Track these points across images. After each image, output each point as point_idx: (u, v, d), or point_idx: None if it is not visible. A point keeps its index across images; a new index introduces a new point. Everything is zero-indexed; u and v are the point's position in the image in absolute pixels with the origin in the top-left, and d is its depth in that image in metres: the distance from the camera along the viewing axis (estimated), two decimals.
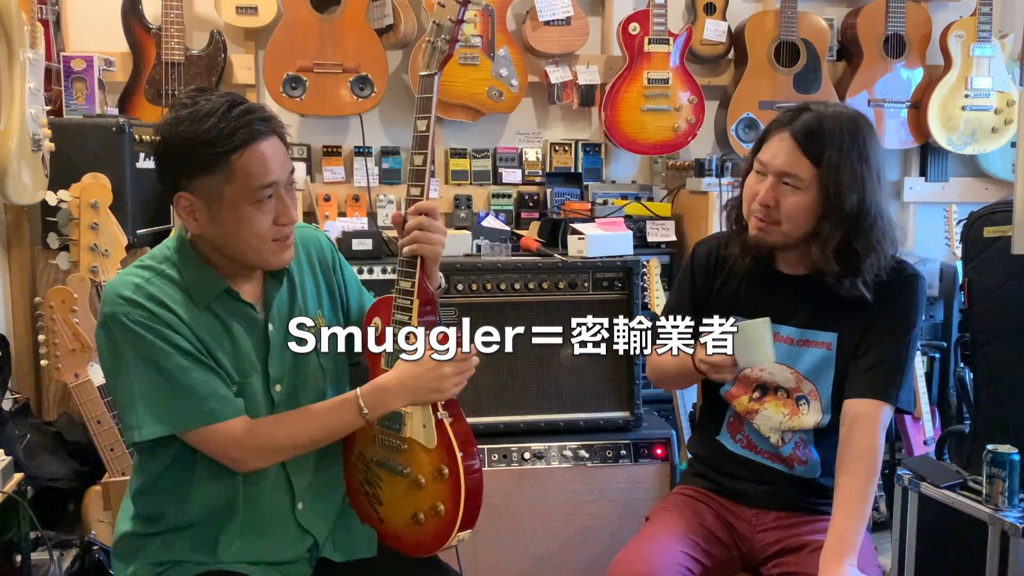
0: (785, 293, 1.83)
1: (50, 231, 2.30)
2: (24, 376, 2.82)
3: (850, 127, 1.71)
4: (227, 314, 1.56)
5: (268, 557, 1.60)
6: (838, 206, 1.70)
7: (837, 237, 1.71)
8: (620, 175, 3.53)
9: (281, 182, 1.52)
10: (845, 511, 1.68)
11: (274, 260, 1.56)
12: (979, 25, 3.46)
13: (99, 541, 2.27)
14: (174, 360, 1.48)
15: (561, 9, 3.25)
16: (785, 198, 1.73)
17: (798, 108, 1.76)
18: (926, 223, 3.67)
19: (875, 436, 1.72)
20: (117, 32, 3.02)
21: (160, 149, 1.50)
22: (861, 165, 1.70)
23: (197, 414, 1.49)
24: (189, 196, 1.49)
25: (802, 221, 1.73)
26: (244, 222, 1.49)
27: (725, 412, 1.93)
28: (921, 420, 3.11)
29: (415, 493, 1.62)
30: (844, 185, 1.69)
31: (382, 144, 3.33)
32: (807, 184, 1.71)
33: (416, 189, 1.63)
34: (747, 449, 1.90)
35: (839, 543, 1.66)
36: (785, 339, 1.83)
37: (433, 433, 1.60)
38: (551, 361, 2.42)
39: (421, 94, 1.63)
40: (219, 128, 1.44)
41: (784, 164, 1.71)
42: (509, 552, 2.36)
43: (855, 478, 1.70)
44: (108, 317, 1.49)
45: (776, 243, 1.78)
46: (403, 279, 1.63)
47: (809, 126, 1.71)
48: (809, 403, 1.84)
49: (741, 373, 1.85)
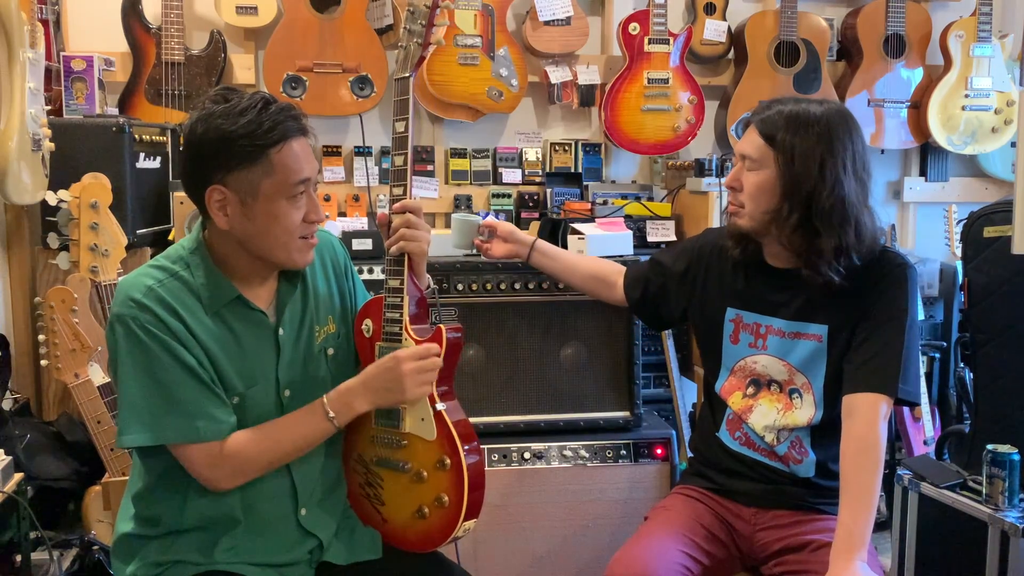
0: (774, 285, 1.87)
1: (50, 231, 2.30)
2: (24, 376, 2.82)
3: (819, 116, 1.78)
4: (236, 320, 1.57)
5: (268, 559, 1.60)
6: (794, 185, 1.75)
7: (795, 217, 1.76)
8: (620, 175, 3.54)
9: (312, 180, 1.55)
10: (852, 507, 1.68)
11: (299, 258, 1.57)
12: (979, 25, 3.47)
13: (99, 541, 2.27)
14: (171, 372, 1.49)
15: (561, 9, 3.25)
16: (745, 179, 1.82)
17: (767, 103, 1.85)
18: (926, 223, 3.67)
19: (875, 429, 1.72)
20: (117, 32, 3.02)
21: (194, 142, 1.50)
22: (820, 147, 1.75)
23: (182, 430, 1.50)
24: (223, 189, 1.50)
25: (762, 201, 1.79)
26: (278, 217, 1.51)
27: (725, 409, 1.94)
28: (921, 420, 3.11)
29: (417, 487, 1.63)
30: (798, 164, 1.75)
31: (382, 144, 3.33)
32: (760, 162, 1.79)
33: (399, 189, 1.66)
34: (745, 446, 1.91)
35: (848, 539, 1.66)
36: (776, 331, 1.86)
37: (432, 425, 1.61)
38: (551, 361, 2.42)
39: (397, 96, 1.65)
40: (258, 122, 1.47)
41: (743, 147, 1.83)
42: (509, 552, 2.36)
43: (859, 473, 1.70)
44: (116, 318, 1.50)
45: (745, 228, 1.84)
46: (392, 278, 1.65)
47: (771, 113, 1.80)
48: (802, 396, 1.85)
49: (735, 366, 1.92)
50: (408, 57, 1.64)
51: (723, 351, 1.95)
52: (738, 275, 1.93)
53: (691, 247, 2.05)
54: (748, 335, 1.91)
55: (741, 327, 1.92)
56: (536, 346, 2.42)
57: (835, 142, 1.76)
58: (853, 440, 1.73)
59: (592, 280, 2.16)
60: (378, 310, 1.67)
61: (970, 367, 2.49)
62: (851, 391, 1.77)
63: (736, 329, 1.92)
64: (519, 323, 2.41)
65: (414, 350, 1.59)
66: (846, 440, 1.74)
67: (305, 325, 1.65)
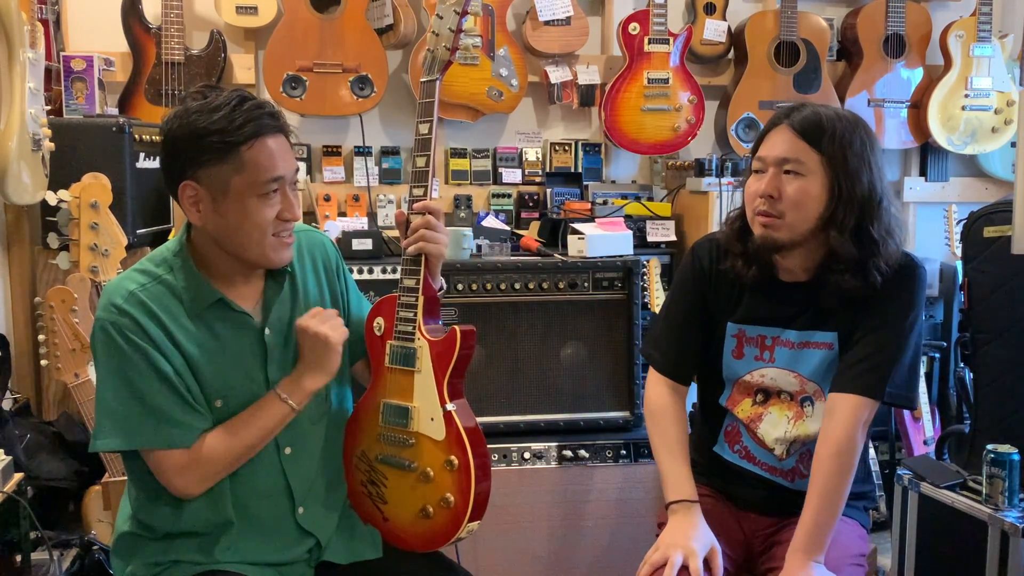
0: (786, 300, 1.78)
1: (50, 231, 2.30)
2: (24, 376, 2.82)
3: (849, 119, 1.71)
4: (219, 323, 1.57)
5: (267, 558, 1.60)
6: (850, 189, 1.66)
7: (852, 221, 1.67)
8: (620, 175, 3.53)
9: (287, 178, 1.54)
10: (817, 508, 1.66)
11: (274, 256, 1.56)
12: (979, 25, 3.47)
13: (99, 541, 2.27)
14: (147, 380, 1.49)
15: (561, 9, 3.25)
16: (787, 185, 1.68)
17: (794, 105, 1.75)
18: (926, 223, 3.66)
19: (852, 434, 1.68)
20: (117, 32, 3.02)
21: (168, 138, 1.51)
22: (866, 150, 1.69)
23: (153, 436, 1.50)
24: (195, 186, 1.50)
25: (810, 209, 1.68)
26: (248, 214, 1.50)
27: (722, 421, 1.88)
28: (921, 420, 3.11)
29: (423, 487, 1.63)
30: (853, 168, 1.66)
31: (382, 144, 3.33)
32: (811, 169, 1.67)
33: (419, 190, 1.66)
34: (745, 460, 1.85)
35: (807, 540, 1.65)
36: (785, 343, 1.80)
37: (441, 425, 1.61)
38: (551, 361, 2.42)
39: (423, 99, 1.66)
40: (230, 119, 1.47)
41: (785, 151, 1.69)
42: (509, 552, 2.36)
43: (829, 476, 1.68)
44: (97, 322, 1.52)
45: (782, 240, 1.71)
46: (408, 277, 1.65)
47: (807, 118, 1.69)
48: (814, 404, 1.79)
49: (740, 380, 1.82)
50: (435, 60, 1.65)
51: (724, 366, 1.85)
52: (740, 290, 1.81)
53: (688, 277, 1.89)
54: (753, 348, 1.82)
55: (745, 341, 1.82)
56: (536, 346, 2.42)
57: (875, 147, 1.71)
58: (828, 442, 1.70)
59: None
60: (389, 309, 1.68)
61: (970, 367, 2.49)
62: (835, 391, 1.72)
63: (739, 344, 1.83)
64: (519, 323, 2.42)
65: (308, 313, 1.61)
66: (821, 441, 1.71)
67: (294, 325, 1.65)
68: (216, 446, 1.54)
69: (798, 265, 1.76)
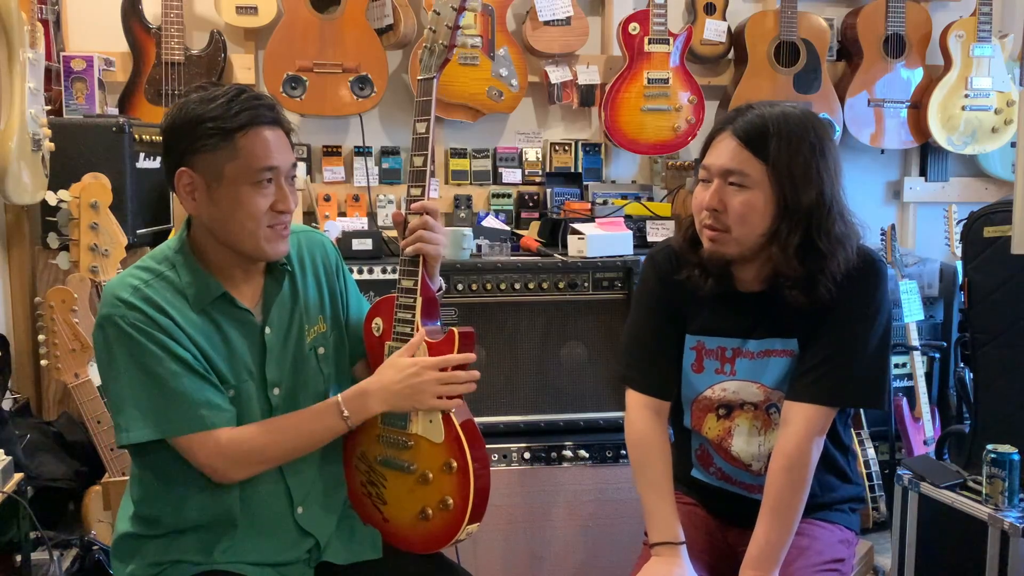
0: (743, 311, 1.72)
1: (50, 231, 2.30)
2: (24, 376, 2.82)
3: (798, 121, 1.61)
4: (223, 317, 1.57)
5: (267, 558, 1.60)
6: (795, 202, 1.58)
7: (798, 236, 1.59)
8: (620, 175, 3.53)
9: (282, 169, 1.54)
10: (770, 523, 1.62)
11: (269, 249, 1.56)
12: (979, 25, 3.46)
13: (99, 541, 2.27)
14: (167, 365, 1.49)
15: (561, 9, 3.25)
16: (732, 198, 1.60)
17: (740, 108, 1.66)
18: (926, 223, 3.66)
19: (803, 445, 1.63)
20: (117, 32, 3.02)
21: (167, 127, 1.53)
22: (815, 157, 1.59)
23: (186, 420, 1.50)
24: (191, 173, 1.51)
25: (755, 223, 1.61)
26: (241, 202, 1.51)
27: (691, 444, 1.83)
28: (921, 420, 3.11)
29: (422, 489, 1.63)
30: (799, 179, 1.58)
31: (382, 144, 3.33)
32: (755, 181, 1.59)
33: (417, 190, 1.66)
34: (722, 481, 1.81)
35: (760, 556, 1.61)
36: (746, 353, 1.73)
37: (440, 427, 1.61)
38: (551, 361, 2.42)
39: (420, 97, 1.65)
40: (228, 107, 1.49)
41: (727, 162, 1.60)
42: (509, 552, 2.36)
43: (782, 490, 1.63)
44: (104, 319, 1.50)
45: (731, 254, 1.65)
46: (405, 278, 1.64)
47: (752, 123, 1.60)
48: (779, 410, 1.72)
49: (700, 396, 1.77)
50: (433, 58, 1.64)
51: (683, 383, 1.78)
52: (698, 301, 1.73)
53: (652, 288, 1.80)
54: (714, 361, 1.75)
55: (705, 354, 1.75)
56: (536, 346, 2.42)
57: (826, 149, 1.61)
58: (779, 456, 1.65)
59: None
60: (388, 309, 1.68)
61: (970, 367, 2.49)
62: (789, 398, 1.67)
63: (699, 357, 1.76)
64: (519, 323, 2.42)
65: (438, 360, 1.59)
66: (775, 453, 1.66)
67: (294, 325, 1.64)
68: (257, 436, 1.54)
69: (753, 276, 1.70)
